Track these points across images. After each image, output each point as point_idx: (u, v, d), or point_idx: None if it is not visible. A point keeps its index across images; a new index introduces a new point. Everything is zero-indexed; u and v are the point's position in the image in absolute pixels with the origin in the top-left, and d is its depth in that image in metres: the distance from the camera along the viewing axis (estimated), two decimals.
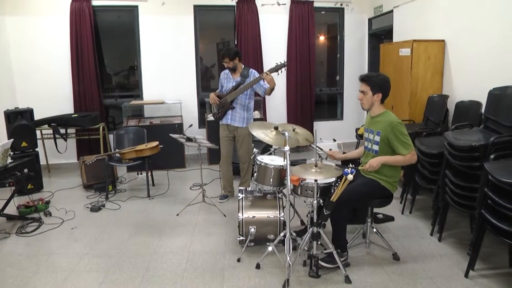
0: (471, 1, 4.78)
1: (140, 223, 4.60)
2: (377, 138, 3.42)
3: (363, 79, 3.47)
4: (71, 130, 6.67)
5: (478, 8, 4.67)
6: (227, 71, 5.10)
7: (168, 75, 7.22)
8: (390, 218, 4.49)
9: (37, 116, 6.20)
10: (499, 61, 4.33)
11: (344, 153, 3.86)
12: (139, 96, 7.32)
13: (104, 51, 7.40)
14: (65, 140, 6.50)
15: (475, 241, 3.30)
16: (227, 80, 5.07)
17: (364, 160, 3.63)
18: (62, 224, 4.62)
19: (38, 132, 6.36)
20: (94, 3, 6.80)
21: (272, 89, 4.79)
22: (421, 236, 4.12)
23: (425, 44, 5.29)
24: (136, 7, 6.99)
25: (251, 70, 4.99)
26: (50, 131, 6.45)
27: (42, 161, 6.30)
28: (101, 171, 5.69)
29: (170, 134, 5.02)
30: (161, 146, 5.56)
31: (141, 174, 6.42)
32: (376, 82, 3.43)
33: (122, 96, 7.52)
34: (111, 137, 6.78)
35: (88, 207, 5.07)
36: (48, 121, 6.38)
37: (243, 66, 5.04)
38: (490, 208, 3.09)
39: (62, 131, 6.45)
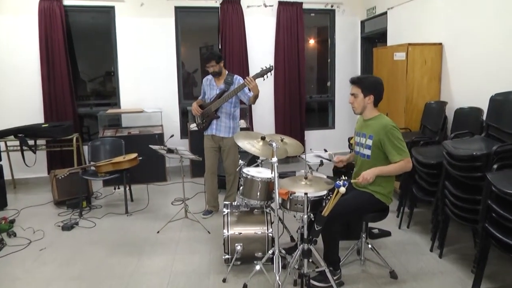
0: (470, 1, 4.82)
1: (117, 242, 4.53)
2: (369, 142, 3.44)
3: (354, 81, 3.51)
4: (41, 142, 6.55)
5: (477, 9, 4.71)
6: (210, 77, 5.09)
7: (147, 81, 7.18)
8: (386, 233, 4.51)
9: (1, 126, 6.08)
10: (500, 65, 4.36)
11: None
12: (116, 104, 7.26)
13: (77, 56, 7.33)
14: (34, 153, 6.38)
15: (480, 257, 3.29)
16: (210, 87, 5.06)
17: (356, 167, 3.64)
18: (28, 245, 4.50)
19: (2, 144, 6.26)
20: (66, 2, 6.73)
21: (256, 97, 4.79)
22: (420, 252, 4.11)
23: (421, 47, 5.33)
24: (113, 7, 6.95)
25: (235, 76, 5.00)
26: (17, 143, 6.31)
27: (7, 176, 6.13)
28: (74, 185, 5.59)
29: (150, 145, 4.96)
30: (140, 158, 5.51)
31: (118, 188, 6.34)
32: (367, 83, 3.47)
33: (98, 104, 7.44)
34: (85, 148, 6.68)
35: (59, 226, 4.96)
36: (15, 132, 6.23)
37: (227, 72, 5.04)
38: (495, 222, 3.08)
39: (31, 142, 6.32)
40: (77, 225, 5.01)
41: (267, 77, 4.61)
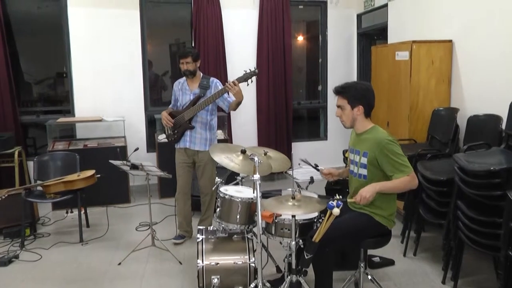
0: None
1: (69, 277, 4.46)
2: (364, 160, 3.45)
3: (338, 91, 3.54)
4: None
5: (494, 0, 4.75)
6: (182, 80, 5.10)
7: (107, 84, 7.13)
8: (389, 262, 4.52)
9: None
10: None
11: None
12: (70, 111, 7.20)
13: (20, 53, 7.26)
14: None
15: None
16: (182, 92, 5.05)
17: (350, 189, 3.64)
18: None
19: None
20: None
21: (238, 104, 4.81)
22: (430, 285, 4.12)
23: (428, 45, 5.37)
24: None
25: (212, 79, 5.01)
26: None
27: None
28: (15, 210, 5.46)
29: (110, 161, 4.91)
30: (99, 175, 5.47)
31: (71, 212, 6.23)
32: (354, 92, 3.48)
33: (47, 112, 7.38)
34: (30, 165, 6.57)
35: None
36: None
37: (201, 74, 5.05)
38: None
39: None
40: (17, 259, 4.88)
41: (252, 81, 4.63)
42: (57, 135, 7.10)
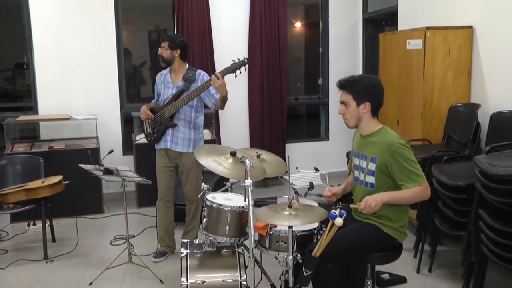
0: None
1: None
2: (372, 166, 3.45)
3: (342, 85, 3.52)
4: None
5: None
6: (165, 72, 5.11)
7: (76, 77, 7.12)
8: (401, 279, 4.53)
9: None
10: None
11: (338, 185, 3.85)
12: (32, 108, 7.19)
13: None
14: None
15: None
16: (164, 85, 5.06)
17: (356, 196, 3.64)
18: None
19: None
20: None
21: (223, 100, 4.82)
22: None
23: (444, 32, 5.38)
24: None
25: (198, 71, 5.01)
26: None
27: None
28: None
29: (80, 165, 4.92)
30: (67, 182, 5.46)
31: (34, 225, 6.23)
32: (360, 87, 3.47)
33: (4, 109, 7.39)
34: None
35: None
36: None
37: (187, 66, 5.05)
38: None
39: None
40: None
41: (240, 72, 4.62)
42: (17, 135, 7.10)
